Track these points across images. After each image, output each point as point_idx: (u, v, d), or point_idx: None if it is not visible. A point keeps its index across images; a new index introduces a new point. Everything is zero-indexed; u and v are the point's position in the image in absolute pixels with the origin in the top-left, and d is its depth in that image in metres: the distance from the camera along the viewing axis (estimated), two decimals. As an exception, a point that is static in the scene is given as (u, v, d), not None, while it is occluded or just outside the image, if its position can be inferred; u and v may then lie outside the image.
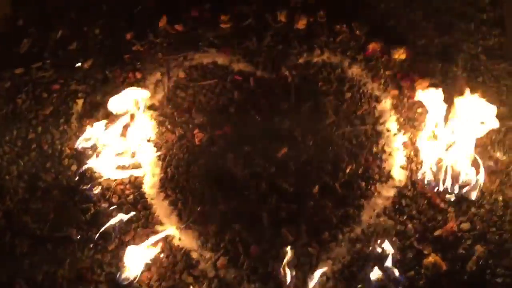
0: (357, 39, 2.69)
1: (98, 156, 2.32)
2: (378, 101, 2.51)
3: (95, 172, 2.33)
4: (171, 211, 2.26)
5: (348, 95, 2.53)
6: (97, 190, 2.28)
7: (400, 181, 2.30)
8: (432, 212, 2.20)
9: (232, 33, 2.76)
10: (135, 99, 2.42)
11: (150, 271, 2.11)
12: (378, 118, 2.46)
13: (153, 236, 2.16)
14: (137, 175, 2.34)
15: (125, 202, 2.27)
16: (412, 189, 2.27)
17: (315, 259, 2.10)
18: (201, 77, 2.62)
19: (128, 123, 2.39)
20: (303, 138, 2.41)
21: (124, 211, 2.23)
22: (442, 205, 2.21)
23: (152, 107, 2.52)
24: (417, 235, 2.15)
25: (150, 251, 2.12)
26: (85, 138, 2.34)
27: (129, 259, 2.08)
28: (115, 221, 2.18)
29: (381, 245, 2.10)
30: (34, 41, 2.71)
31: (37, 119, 2.50)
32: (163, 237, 2.18)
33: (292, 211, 2.23)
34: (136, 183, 2.33)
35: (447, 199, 2.21)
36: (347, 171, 2.31)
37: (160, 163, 2.39)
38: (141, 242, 2.14)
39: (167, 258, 2.14)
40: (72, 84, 2.59)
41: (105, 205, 2.26)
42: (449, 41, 2.66)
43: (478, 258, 2.07)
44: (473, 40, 2.66)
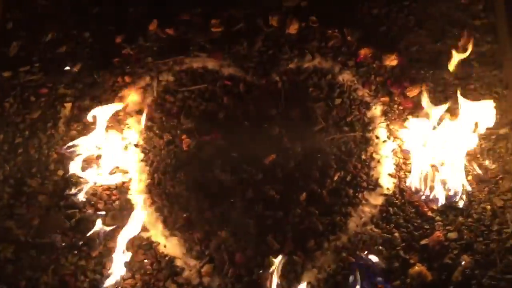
0: (349, 44, 2.66)
1: (84, 161, 2.31)
2: (368, 107, 2.50)
3: (81, 177, 2.31)
4: (156, 217, 2.25)
5: (338, 101, 2.51)
6: (83, 196, 2.27)
7: (388, 189, 2.29)
8: (419, 221, 2.19)
9: (223, 37, 2.72)
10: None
11: (134, 278, 2.10)
12: (367, 125, 2.45)
13: (138, 242, 2.15)
14: (123, 180, 2.33)
15: (111, 208, 2.26)
16: (400, 197, 2.26)
17: (300, 267, 2.09)
18: (191, 81, 2.59)
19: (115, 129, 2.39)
20: (291, 144, 2.40)
21: (110, 217, 2.22)
22: (429, 213, 2.20)
23: (140, 112, 2.50)
24: (404, 244, 2.14)
25: (134, 258, 2.11)
26: (72, 143, 2.33)
27: (113, 266, 2.07)
28: (100, 227, 2.17)
29: (367, 254, 2.09)
30: (23, 44, 2.68)
31: (24, 123, 2.47)
32: (148, 244, 2.17)
33: (279, 219, 2.22)
34: (122, 189, 2.32)
35: (435, 207, 2.20)
36: (335, 178, 2.30)
37: (147, 168, 2.37)
38: (126, 248, 2.12)
39: (152, 265, 2.13)
40: (60, 88, 2.56)
41: (90, 211, 2.25)
42: (441, 48, 2.64)
43: (464, 268, 2.06)
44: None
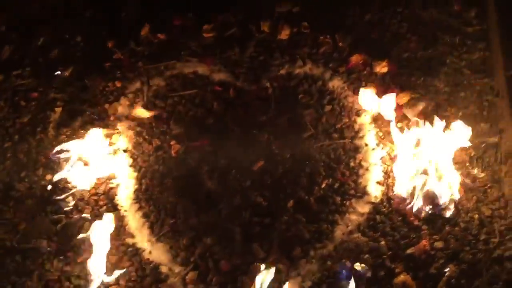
0: (340, 50, 2.65)
1: (72, 166, 2.31)
2: (358, 114, 2.49)
3: (69, 182, 2.31)
4: (143, 223, 2.25)
5: (328, 108, 2.50)
6: (70, 201, 2.27)
7: (375, 197, 2.28)
8: (406, 230, 2.18)
9: (214, 42, 2.72)
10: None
11: (118, 284, 2.10)
12: (357, 132, 2.44)
13: (123, 248, 2.16)
14: (111, 186, 2.33)
15: (98, 213, 2.26)
16: (387, 205, 2.25)
17: (285, 275, 2.09)
18: (182, 87, 2.59)
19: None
20: (280, 151, 2.39)
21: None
22: (416, 222, 2.19)
23: (129, 118, 2.51)
24: (390, 252, 2.13)
25: (119, 264, 2.11)
26: (60, 148, 2.33)
27: (97, 272, 2.07)
28: (86, 233, 2.17)
29: (353, 263, 2.08)
30: (16, 48, 2.70)
31: (14, 127, 2.48)
32: (133, 250, 2.17)
33: (265, 225, 2.21)
34: (109, 195, 2.32)
35: (421, 216, 2.19)
36: (323, 185, 2.29)
37: (135, 174, 2.38)
38: (111, 254, 2.13)
39: (136, 272, 2.13)
40: (50, 92, 2.57)
41: (77, 216, 2.25)
42: (432, 55, 2.63)
43: (450, 277, 2.04)
44: (457, 53, 2.62)
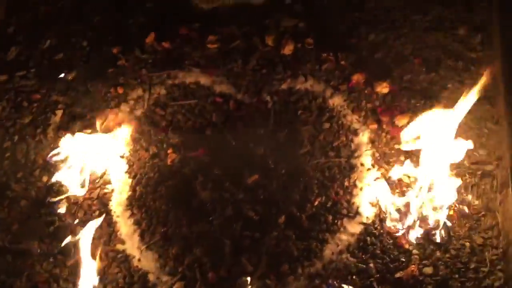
0: (342, 69, 2.67)
1: (68, 170, 2.34)
2: (356, 134, 2.49)
3: (63, 185, 2.34)
4: (134, 230, 2.27)
5: (326, 125, 2.50)
6: (64, 204, 2.29)
7: (367, 218, 2.27)
8: (396, 253, 2.17)
9: (218, 54, 2.75)
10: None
11: (106, 290, 2.11)
12: (353, 151, 2.44)
13: (112, 254, 2.17)
14: (105, 191, 2.35)
15: (90, 218, 2.28)
16: (379, 227, 2.24)
17: (271, 291, 2.09)
18: (182, 96, 2.62)
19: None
20: (275, 166, 2.40)
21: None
22: (407, 246, 2.18)
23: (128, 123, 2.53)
24: (378, 275, 2.12)
25: (107, 269, 2.13)
26: (58, 150, 2.35)
27: (86, 276, 2.08)
28: (77, 236, 2.19)
29: (340, 283, 2.08)
30: (22, 49, 2.74)
31: (14, 127, 2.52)
32: (123, 256, 2.18)
33: (255, 240, 2.21)
34: (103, 200, 2.34)
35: (413, 240, 2.18)
36: (315, 203, 2.29)
37: (130, 180, 2.40)
38: (101, 259, 2.14)
39: (124, 279, 2.14)
40: (53, 95, 2.61)
41: (70, 219, 2.27)
42: (435, 78, 2.62)
43: (437, 304, 2.03)
44: (459, 79, 2.62)
